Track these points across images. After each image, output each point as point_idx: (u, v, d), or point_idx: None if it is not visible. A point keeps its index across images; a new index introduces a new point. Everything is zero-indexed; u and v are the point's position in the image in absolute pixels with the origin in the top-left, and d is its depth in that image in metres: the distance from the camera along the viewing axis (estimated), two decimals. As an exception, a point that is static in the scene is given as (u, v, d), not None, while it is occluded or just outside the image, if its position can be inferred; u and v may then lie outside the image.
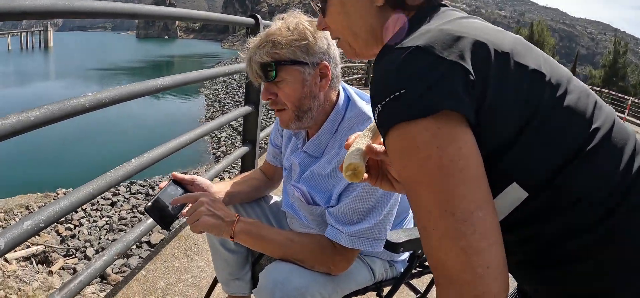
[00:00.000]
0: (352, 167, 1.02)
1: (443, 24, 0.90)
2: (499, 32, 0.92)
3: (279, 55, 1.54)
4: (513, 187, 0.85)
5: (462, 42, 0.83)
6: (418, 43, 0.83)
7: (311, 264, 1.57)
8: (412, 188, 0.84)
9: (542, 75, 0.85)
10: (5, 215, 10.80)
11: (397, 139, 0.84)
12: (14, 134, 1.75)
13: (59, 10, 1.92)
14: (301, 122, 1.63)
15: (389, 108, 0.83)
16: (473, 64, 0.81)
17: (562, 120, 0.84)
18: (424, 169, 0.80)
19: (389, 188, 1.12)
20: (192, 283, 3.01)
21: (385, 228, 1.56)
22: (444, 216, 0.78)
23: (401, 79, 0.82)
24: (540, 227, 0.87)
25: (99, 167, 12.58)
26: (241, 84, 32.57)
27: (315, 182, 1.67)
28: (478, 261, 0.76)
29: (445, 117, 0.79)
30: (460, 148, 0.79)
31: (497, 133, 0.83)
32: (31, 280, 6.52)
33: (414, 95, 0.80)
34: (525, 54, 0.87)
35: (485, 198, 0.79)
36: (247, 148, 4.45)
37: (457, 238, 0.77)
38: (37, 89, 38.98)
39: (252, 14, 4.07)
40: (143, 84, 2.51)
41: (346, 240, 1.53)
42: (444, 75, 0.80)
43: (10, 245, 1.79)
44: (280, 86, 1.58)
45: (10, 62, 64.23)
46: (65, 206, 2.04)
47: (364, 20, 1.08)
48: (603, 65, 53.50)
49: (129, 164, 2.48)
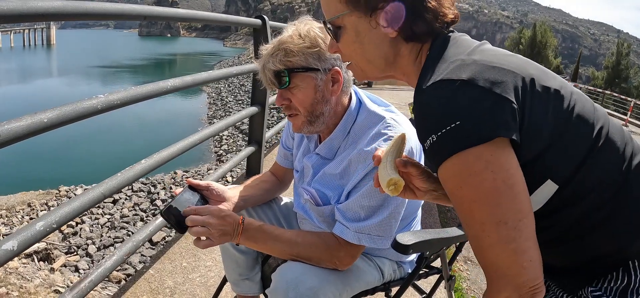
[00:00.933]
0: (393, 182, 1.15)
1: (470, 53, 1.04)
2: (519, 59, 1.06)
3: (291, 63, 1.58)
4: (547, 184, 1.02)
5: (500, 74, 0.96)
6: (462, 77, 0.96)
7: (317, 261, 1.61)
8: (466, 205, 0.98)
9: (560, 93, 1.01)
10: (7, 212, 10.84)
11: (454, 166, 0.96)
12: (28, 136, 1.77)
13: (70, 12, 1.94)
14: (313, 126, 1.67)
15: (444, 139, 0.95)
16: (513, 93, 0.95)
17: (577, 126, 1.01)
18: (479, 190, 0.94)
19: (411, 196, 1.26)
20: (200, 282, 3.02)
21: (391, 227, 1.60)
22: (498, 226, 0.94)
23: (454, 111, 0.94)
24: (567, 210, 1.04)
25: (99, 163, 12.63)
26: (243, 83, 32.63)
27: (326, 182, 1.71)
28: (524, 257, 0.94)
29: (496, 144, 0.93)
30: (508, 169, 0.94)
31: (533, 146, 0.98)
32: (33, 277, 6.52)
33: (468, 126, 0.92)
34: (544, 77, 1.02)
35: (528, 207, 0.96)
36: (253, 148, 4.47)
37: (508, 242, 0.94)
38: (40, 86, 39.11)
39: (259, 15, 4.08)
40: (154, 85, 2.53)
41: (352, 235, 1.57)
42: (492, 106, 0.93)
43: (23, 246, 1.81)
44: (293, 92, 1.62)
45: (12, 59, 64.25)
46: (77, 206, 2.06)
47: (378, 49, 1.17)
48: (606, 67, 53.39)
49: (139, 165, 2.50)
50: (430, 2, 1.10)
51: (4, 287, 5.81)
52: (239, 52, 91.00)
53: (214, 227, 1.52)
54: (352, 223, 1.58)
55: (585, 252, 1.08)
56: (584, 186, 1.01)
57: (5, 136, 1.66)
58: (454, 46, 1.10)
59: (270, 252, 1.69)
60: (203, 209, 1.56)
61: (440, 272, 2.02)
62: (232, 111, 26.20)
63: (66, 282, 6.77)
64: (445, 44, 1.11)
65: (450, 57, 1.04)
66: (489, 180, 0.93)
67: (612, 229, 1.04)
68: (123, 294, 2.84)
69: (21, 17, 1.73)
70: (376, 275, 1.79)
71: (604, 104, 28.74)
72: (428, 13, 1.10)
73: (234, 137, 19.02)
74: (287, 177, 2.09)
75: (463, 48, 1.08)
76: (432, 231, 1.64)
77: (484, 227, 0.95)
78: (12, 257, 1.77)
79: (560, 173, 1.01)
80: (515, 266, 0.94)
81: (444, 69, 1.01)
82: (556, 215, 1.06)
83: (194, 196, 1.68)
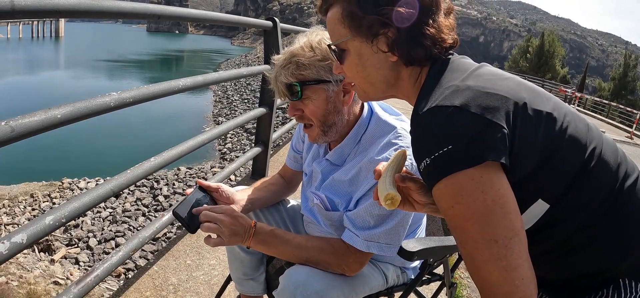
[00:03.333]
0: (390, 196, 1.20)
1: (465, 78, 1.08)
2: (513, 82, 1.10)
3: (303, 76, 1.63)
4: (538, 203, 1.06)
5: (492, 100, 1.00)
6: (455, 103, 1.00)
7: (325, 266, 1.64)
8: (459, 224, 1.02)
9: (552, 115, 1.04)
10: (10, 202, 10.88)
11: (446, 187, 1.00)
12: (41, 131, 1.80)
13: (84, 9, 1.96)
14: (327, 136, 1.72)
15: (437, 162, 0.99)
16: (504, 119, 0.99)
17: (568, 147, 1.04)
18: (471, 209, 0.98)
19: (410, 209, 1.31)
20: (204, 280, 3.05)
21: (399, 235, 1.63)
22: (489, 244, 0.98)
23: (446, 136, 0.99)
24: (558, 227, 1.08)
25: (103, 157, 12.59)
26: (250, 82, 32.59)
27: (335, 188, 1.74)
28: (515, 275, 0.97)
29: (486, 166, 0.97)
30: (499, 189, 0.98)
31: (523, 167, 1.02)
32: (33, 268, 6.55)
33: (459, 150, 0.97)
34: (537, 100, 1.06)
35: (519, 226, 0.99)
36: (260, 149, 4.49)
37: (499, 260, 0.97)
38: (48, 78, 39.05)
39: (270, 17, 4.12)
40: (165, 84, 2.57)
41: (361, 243, 1.61)
42: (483, 132, 0.97)
43: (33, 239, 1.84)
44: (305, 103, 1.67)
45: (21, 50, 64.38)
46: (87, 201, 2.09)
47: (379, 72, 1.23)
48: (613, 78, 53.12)
49: (147, 162, 2.53)
50: (429, 29, 1.14)
51: (4, 276, 5.84)
52: (246, 51, 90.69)
53: (226, 225, 1.56)
54: (361, 232, 1.61)
55: (576, 268, 1.12)
56: (575, 205, 1.05)
57: (19, 131, 1.69)
58: (451, 71, 1.14)
59: (280, 256, 1.72)
60: (217, 208, 1.60)
61: (442, 278, 2.04)
62: (238, 110, 26.17)
63: (66, 273, 6.81)
64: (442, 69, 1.16)
65: (446, 83, 1.09)
66: (479, 199, 0.97)
67: (602, 247, 1.08)
68: (127, 289, 2.87)
69: (36, 13, 1.76)
70: (380, 280, 1.82)
71: (610, 116, 28.67)
72: (427, 40, 1.15)
73: (238, 136, 18.98)
74: (296, 179, 2.12)
75: (459, 73, 1.12)
76: (436, 239, 1.67)
77: (476, 245, 0.99)
78: (21, 250, 1.80)
79: (551, 192, 1.05)
80: (507, 284, 0.98)
81: (438, 95, 1.05)
82: (547, 232, 1.10)
83: (204, 197, 1.72)
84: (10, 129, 1.65)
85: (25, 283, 5.90)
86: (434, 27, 1.15)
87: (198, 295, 2.90)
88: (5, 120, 1.65)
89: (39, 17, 1.82)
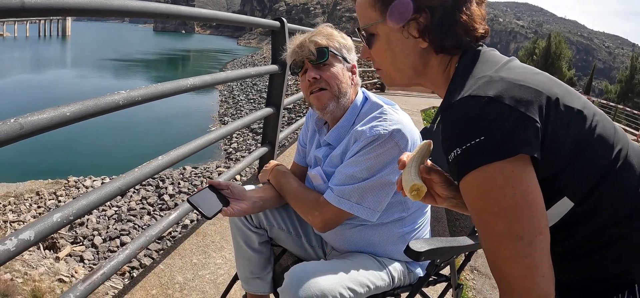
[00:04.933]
0: (416, 187, 1.19)
1: (498, 70, 1.07)
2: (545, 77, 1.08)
3: (331, 45, 1.87)
4: (563, 201, 1.05)
5: (526, 93, 0.99)
6: (489, 94, 0.99)
7: (300, 212, 1.89)
8: (485, 218, 1.01)
9: (582, 113, 1.03)
10: (16, 200, 10.94)
11: (475, 180, 0.99)
12: (50, 129, 1.80)
13: (93, 8, 1.97)
14: (338, 104, 1.88)
15: (468, 153, 0.98)
16: (537, 112, 0.98)
17: (596, 146, 1.03)
18: (499, 204, 0.97)
19: (431, 202, 1.31)
20: (210, 279, 3.05)
21: (374, 199, 1.75)
22: (514, 240, 0.97)
23: (479, 127, 0.97)
24: (580, 226, 1.07)
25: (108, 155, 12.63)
26: (255, 82, 32.62)
27: (331, 162, 1.89)
28: (537, 272, 0.97)
29: (518, 160, 0.96)
30: (529, 186, 0.97)
31: (553, 163, 1.01)
32: (38, 265, 6.57)
33: (492, 142, 0.95)
34: (569, 97, 1.04)
35: (544, 224, 0.98)
36: (266, 149, 4.50)
37: (523, 257, 0.97)
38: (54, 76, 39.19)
39: (278, 17, 4.13)
40: (174, 83, 2.58)
41: (334, 198, 1.76)
42: (517, 124, 0.96)
43: (40, 236, 1.85)
44: (327, 67, 1.87)
45: (28, 49, 64.62)
46: (94, 200, 2.09)
47: (408, 58, 1.22)
48: (619, 81, 52.95)
49: (155, 161, 2.53)
50: (462, 16, 1.14)
51: (9, 273, 5.86)
52: (252, 51, 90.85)
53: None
54: (335, 187, 1.77)
55: (592, 270, 1.11)
56: (599, 205, 1.04)
57: (28, 128, 1.69)
58: (483, 62, 1.13)
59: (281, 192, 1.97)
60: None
61: (448, 280, 2.04)
62: (244, 109, 26.23)
63: (70, 271, 6.83)
64: (474, 59, 1.15)
65: (478, 74, 1.08)
66: (509, 195, 0.96)
67: (621, 250, 1.06)
68: (133, 287, 2.87)
69: (46, 11, 1.77)
70: (386, 279, 1.82)
71: (616, 119, 28.55)
72: (459, 27, 1.14)
73: (244, 136, 19.02)
74: (304, 177, 2.13)
75: (491, 64, 1.11)
76: (444, 239, 1.67)
77: (501, 240, 0.98)
78: (28, 247, 1.81)
79: (577, 190, 1.03)
80: (528, 280, 0.97)
81: (471, 85, 1.04)
82: (568, 231, 1.08)
83: (213, 197, 1.74)
84: (19, 126, 1.66)
85: (30, 280, 5.92)
86: (467, 14, 1.14)
87: (204, 293, 2.90)
88: (14, 118, 1.66)
89: (48, 15, 1.82)
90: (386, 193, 1.75)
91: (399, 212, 1.85)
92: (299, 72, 1.93)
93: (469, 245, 1.72)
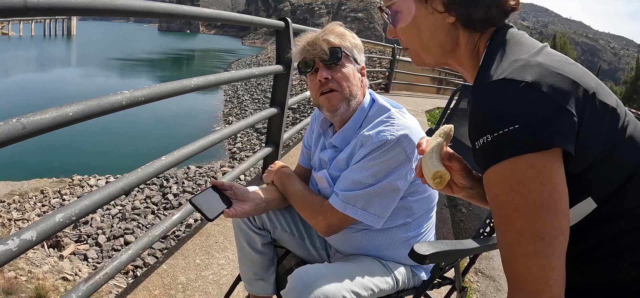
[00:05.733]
0: (439, 174, 1.12)
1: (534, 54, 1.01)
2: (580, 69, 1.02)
3: (344, 45, 1.82)
4: (587, 201, 1.01)
5: (564, 83, 0.94)
6: (527, 79, 0.93)
7: (305, 215, 1.86)
8: (507, 212, 0.96)
9: (616, 111, 0.99)
10: (21, 198, 10.96)
11: (504, 171, 0.94)
12: (52, 129, 1.79)
13: (97, 7, 1.96)
14: (348, 105, 1.83)
15: (500, 141, 0.93)
16: (574, 105, 0.93)
17: (626, 147, 1.00)
18: (525, 200, 0.92)
19: (448, 191, 1.25)
20: (213, 280, 3.04)
21: (380, 205, 1.71)
22: (534, 239, 0.92)
23: (515, 114, 0.92)
24: (600, 229, 1.03)
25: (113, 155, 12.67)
26: (260, 82, 32.63)
27: (337, 165, 1.86)
28: (551, 275, 0.93)
29: (549, 155, 0.91)
30: (557, 183, 0.93)
31: (583, 160, 0.96)
32: (42, 263, 6.57)
33: (527, 131, 0.90)
34: (604, 92, 1.00)
35: (566, 226, 0.94)
36: (270, 149, 4.49)
37: (541, 257, 0.92)
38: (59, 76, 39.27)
39: (283, 17, 4.12)
40: (177, 83, 2.57)
41: (338, 203, 1.72)
42: (554, 114, 0.91)
43: (42, 236, 1.84)
44: (339, 67, 1.81)
45: (33, 48, 64.79)
46: (97, 200, 2.09)
47: (434, 36, 1.16)
48: (624, 82, 52.69)
49: (158, 161, 2.52)
50: None
51: (13, 271, 5.86)
52: (257, 51, 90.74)
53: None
54: (340, 192, 1.73)
55: (609, 274, 1.06)
56: (622, 208, 1.00)
57: (30, 128, 1.68)
58: (517, 44, 1.08)
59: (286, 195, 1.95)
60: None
61: (452, 282, 2.02)
62: (248, 109, 26.23)
63: (74, 269, 6.83)
64: (506, 40, 1.09)
65: (513, 55, 1.02)
66: (536, 190, 0.91)
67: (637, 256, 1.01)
68: (136, 287, 2.86)
69: (48, 11, 1.76)
70: (391, 282, 1.80)
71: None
72: None
73: (248, 136, 19.01)
74: (309, 179, 2.11)
75: (526, 47, 1.06)
76: (449, 242, 1.64)
77: (521, 238, 0.94)
78: (30, 247, 1.80)
79: (602, 191, 1.00)
80: (542, 282, 0.93)
81: (506, 67, 0.99)
82: (587, 232, 1.05)
83: (216, 197, 1.72)
84: (21, 126, 1.65)
85: (34, 278, 5.92)
86: None
87: (207, 294, 2.90)
88: (16, 118, 1.65)
89: (51, 15, 1.82)
90: (392, 200, 1.72)
91: (404, 217, 1.83)
92: (309, 71, 1.85)
93: (474, 248, 1.69)
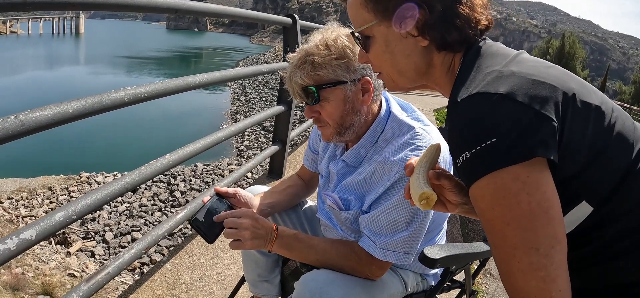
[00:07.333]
0: (425, 196, 1.08)
1: (507, 64, 0.98)
2: (559, 71, 1.00)
3: (319, 77, 1.53)
4: (582, 205, 0.96)
5: (541, 88, 0.90)
6: (500, 90, 0.90)
7: (349, 272, 1.59)
8: (497, 228, 0.92)
9: (600, 109, 0.95)
10: (28, 195, 11.03)
11: (487, 186, 0.90)
12: (52, 126, 1.77)
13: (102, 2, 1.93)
14: (343, 136, 1.63)
15: (479, 156, 0.89)
16: (554, 110, 0.89)
17: (616, 145, 0.95)
18: (513, 213, 0.88)
19: (442, 209, 1.19)
20: (217, 280, 3.01)
21: (417, 242, 1.57)
22: (528, 252, 0.88)
23: (490, 128, 0.88)
24: (599, 232, 0.99)
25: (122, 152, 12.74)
26: (268, 80, 32.70)
27: (349, 187, 1.67)
28: (553, 286, 0.88)
29: (533, 164, 0.87)
30: (545, 192, 0.88)
31: (570, 165, 0.92)
32: (49, 260, 6.62)
33: (505, 144, 0.87)
34: (585, 92, 0.96)
35: (562, 234, 0.90)
36: (277, 147, 4.47)
37: (539, 269, 0.88)
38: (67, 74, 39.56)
39: (290, 14, 4.09)
40: (182, 80, 2.55)
41: (378, 252, 1.54)
42: (532, 124, 0.87)
43: (42, 236, 1.82)
44: (322, 106, 1.57)
45: (41, 46, 65.20)
46: (98, 198, 2.06)
47: (408, 59, 1.13)
48: (634, 82, 52.53)
49: (162, 159, 2.50)
50: (463, 8, 1.05)
51: (20, 267, 5.90)
52: (265, 49, 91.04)
53: (247, 227, 1.51)
54: (378, 239, 1.54)
55: (613, 276, 1.02)
56: (619, 209, 0.96)
57: (29, 125, 1.66)
58: (490, 56, 1.04)
59: (302, 260, 1.68)
60: (237, 212, 1.55)
61: (462, 286, 1.98)
62: (255, 108, 26.28)
63: (81, 266, 6.87)
64: (480, 54, 1.06)
65: (486, 68, 0.99)
66: (524, 202, 0.87)
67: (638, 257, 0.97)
68: (139, 287, 2.84)
69: (48, 6, 1.74)
70: (400, 286, 1.76)
71: (632, 120, 28.32)
72: (460, 20, 1.05)
73: (256, 134, 19.03)
74: (314, 181, 2.06)
75: (499, 58, 1.02)
76: (459, 245, 1.60)
77: (515, 252, 0.90)
78: (30, 246, 1.78)
79: (596, 194, 0.95)
80: (543, 295, 0.89)
81: (479, 81, 0.96)
82: (586, 237, 1.00)
83: (222, 204, 1.66)
84: (20, 122, 1.61)
85: (41, 274, 5.95)
86: (468, 5, 1.05)
87: (211, 294, 2.86)
88: (15, 114, 1.62)
89: (51, 10, 1.79)
90: (423, 231, 1.59)
91: None
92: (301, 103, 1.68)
93: (485, 251, 1.65)
